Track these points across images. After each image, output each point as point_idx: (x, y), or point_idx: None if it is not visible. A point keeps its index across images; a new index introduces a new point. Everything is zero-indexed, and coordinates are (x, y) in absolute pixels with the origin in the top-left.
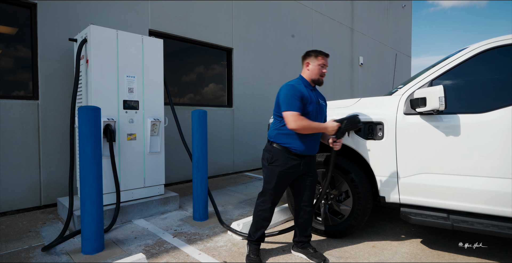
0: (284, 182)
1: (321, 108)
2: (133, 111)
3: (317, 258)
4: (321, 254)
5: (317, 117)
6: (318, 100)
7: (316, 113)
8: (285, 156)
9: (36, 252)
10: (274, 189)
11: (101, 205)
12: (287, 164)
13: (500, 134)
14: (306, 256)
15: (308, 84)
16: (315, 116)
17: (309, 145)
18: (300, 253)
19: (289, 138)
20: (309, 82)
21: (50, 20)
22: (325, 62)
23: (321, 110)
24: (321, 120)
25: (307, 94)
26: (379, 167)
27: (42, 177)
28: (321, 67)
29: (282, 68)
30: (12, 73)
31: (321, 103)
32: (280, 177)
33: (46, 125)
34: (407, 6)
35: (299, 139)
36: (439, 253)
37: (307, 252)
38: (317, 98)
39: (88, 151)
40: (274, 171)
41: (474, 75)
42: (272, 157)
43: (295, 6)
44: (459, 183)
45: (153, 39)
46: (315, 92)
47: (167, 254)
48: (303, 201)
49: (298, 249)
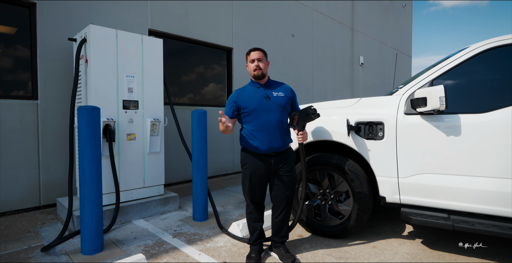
0: (257, 183)
1: (272, 101)
2: (133, 111)
3: (287, 259)
4: (292, 255)
5: (269, 111)
6: (267, 95)
7: (263, 108)
8: (251, 157)
9: (35, 252)
10: (249, 191)
11: (100, 206)
12: (256, 165)
13: (501, 134)
14: (278, 256)
15: (254, 82)
16: (263, 110)
17: (263, 142)
18: (274, 253)
19: (244, 140)
20: (253, 80)
21: (49, 19)
22: (253, 57)
23: (273, 103)
24: (275, 112)
25: (246, 95)
26: (379, 167)
27: (42, 177)
28: (251, 63)
29: (283, 67)
30: (11, 73)
31: (272, 96)
32: (251, 179)
33: (45, 125)
34: (408, 5)
35: (251, 138)
36: (440, 254)
37: (279, 252)
38: (266, 93)
39: (88, 151)
40: (246, 173)
41: (474, 75)
42: (242, 160)
43: (295, 5)
44: (459, 183)
45: (152, 39)
46: (263, 88)
47: (166, 254)
48: (277, 201)
49: (273, 248)
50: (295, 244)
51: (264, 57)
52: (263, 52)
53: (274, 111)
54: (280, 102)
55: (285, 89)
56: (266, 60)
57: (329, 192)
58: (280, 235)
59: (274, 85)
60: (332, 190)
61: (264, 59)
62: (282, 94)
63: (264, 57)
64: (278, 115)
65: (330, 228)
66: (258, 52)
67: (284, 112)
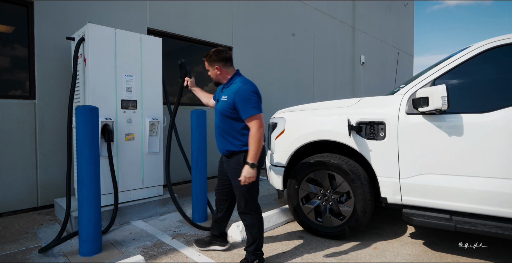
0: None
1: (218, 105)
2: (132, 110)
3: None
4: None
5: (216, 114)
6: (218, 98)
7: (216, 110)
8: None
9: (33, 253)
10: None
11: (99, 206)
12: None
13: (504, 134)
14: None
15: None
16: (215, 112)
17: (217, 143)
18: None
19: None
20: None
21: (47, 18)
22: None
23: (217, 107)
24: (217, 117)
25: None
26: (381, 167)
27: (39, 177)
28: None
29: (283, 67)
30: (9, 72)
31: (221, 99)
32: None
33: (43, 125)
34: (409, 4)
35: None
36: (442, 255)
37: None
38: (220, 95)
39: (86, 152)
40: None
41: (477, 74)
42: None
43: (296, 4)
44: (462, 184)
45: (151, 38)
46: (221, 89)
47: (166, 255)
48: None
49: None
50: (295, 245)
51: (210, 64)
52: (207, 59)
53: (217, 116)
54: (220, 108)
55: (231, 91)
56: (213, 65)
57: (329, 192)
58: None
59: (231, 86)
60: (333, 190)
61: (210, 67)
62: (225, 98)
63: (209, 65)
64: (218, 120)
65: (330, 229)
66: (205, 62)
67: (224, 118)
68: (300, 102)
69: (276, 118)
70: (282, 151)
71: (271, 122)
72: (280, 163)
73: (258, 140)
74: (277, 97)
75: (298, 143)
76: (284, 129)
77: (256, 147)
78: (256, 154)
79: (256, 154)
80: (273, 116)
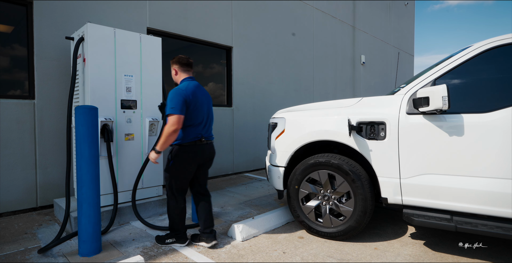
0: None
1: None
2: (131, 110)
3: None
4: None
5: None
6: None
7: None
8: None
9: (32, 254)
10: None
11: (98, 207)
12: None
13: (505, 134)
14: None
15: None
16: None
17: None
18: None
19: None
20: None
21: (46, 18)
22: None
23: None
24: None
25: None
26: (381, 167)
27: (39, 177)
28: None
29: (283, 67)
30: (8, 72)
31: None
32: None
33: (42, 125)
34: (410, 3)
35: None
36: (443, 255)
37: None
38: None
39: (85, 152)
40: None
41: (477, 74)
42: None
43: (296, 4)
44: (462, 184)
45: (151, 38)
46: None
47: (165, 256)
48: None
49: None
50: (295, 245)
51: (171, 65)
52: (171, 61)
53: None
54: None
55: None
56: (172, 66)
57: (330, 192)
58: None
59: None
60: (333, 191)
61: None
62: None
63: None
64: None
65: (331, 230)
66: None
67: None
68: (300, 102)
69: (276, 118)
70: (282, 151)
71: (271, 122)
72: (280, 163)
73: (167, 134)
74: (277, 97)
75: (298, 143)
76: (284, 129)
77: (164, 139)
78: (162, 144)
79: (163, 144)
80: (273, 116)
